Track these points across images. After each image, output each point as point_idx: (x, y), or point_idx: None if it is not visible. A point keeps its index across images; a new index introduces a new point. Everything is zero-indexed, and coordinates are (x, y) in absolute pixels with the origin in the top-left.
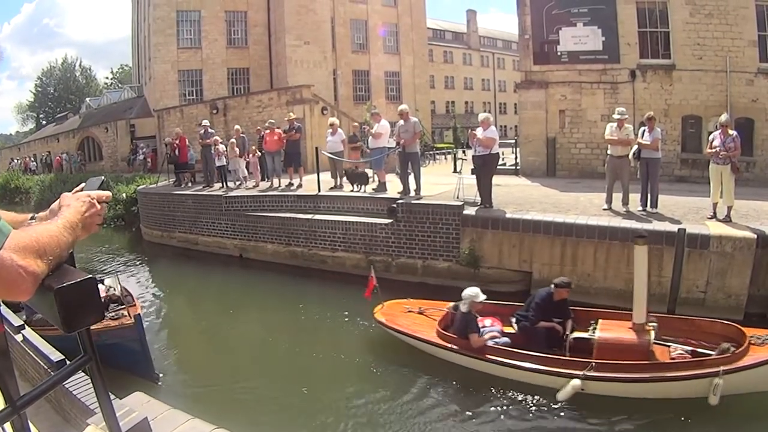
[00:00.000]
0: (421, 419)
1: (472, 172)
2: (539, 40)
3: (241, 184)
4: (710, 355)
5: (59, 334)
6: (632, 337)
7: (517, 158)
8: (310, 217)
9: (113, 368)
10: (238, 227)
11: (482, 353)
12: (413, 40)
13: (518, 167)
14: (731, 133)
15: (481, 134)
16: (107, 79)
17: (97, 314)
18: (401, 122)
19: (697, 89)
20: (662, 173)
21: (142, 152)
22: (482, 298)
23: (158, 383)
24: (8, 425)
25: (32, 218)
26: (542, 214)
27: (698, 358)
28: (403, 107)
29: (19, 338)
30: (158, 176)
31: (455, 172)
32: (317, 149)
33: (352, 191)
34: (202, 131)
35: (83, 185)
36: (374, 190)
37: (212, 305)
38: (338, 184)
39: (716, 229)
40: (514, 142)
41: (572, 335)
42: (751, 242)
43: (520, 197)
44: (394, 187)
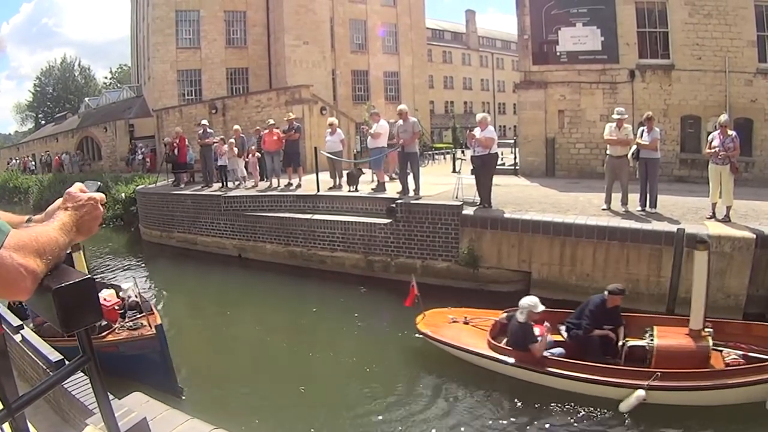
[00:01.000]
0: None
1: (471, 172)
2: (538, 40)
3: (240, 184)
4: (765, 359)
5: (72, 344)
6: (691, 344)
7: (516, 158)
8: (309, 217)
9: (132, 381)
10: (237, 227)
11: (541, 365)
12: (412, 40)
13: (517, 167)
14: (730, 133)
15: (479, 134)
16: (106, 78)
17: (95, 315)
18: (400, 122)
19: (696, 89)
20: (661, 173)
21: (141, 152)
22: (541, 308)
23: (182, 398)
24: (6, 426)
25: (29, 220)
26: (541, 214)
27: (755, 363)
28: (402, 107)
29: (17, 338)
30: (157, 176)
31: (454, 172)
32: (316, 149)
33: (350, 191)
34: (200, 131)
35: (79, 185)
36: (373, 190)
37: (211, 305)
38: (337, 184)
39: (715, 229)
40: (513, 142)
41: (628, 343)
42: (750, 242)
43: (519, 197)
44: (393, 187)
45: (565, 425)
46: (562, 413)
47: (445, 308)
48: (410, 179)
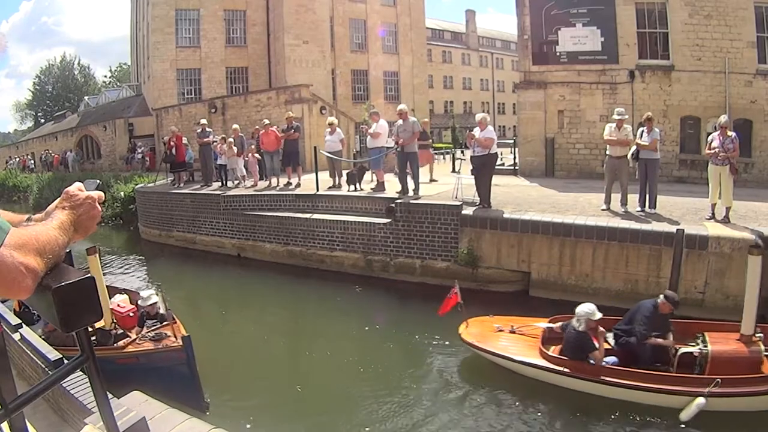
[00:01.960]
0: None
1: (471, 172)
2: (538, 40)
3: (239, 183)
4: None
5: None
6: (744, 349)
7: (515, 158)
8: (308, 216)
9: (156, 394)
10: (236, 226)
11: (598, 375)
12: (412, 39)
13: (517, 167)
14: (730, 134)
15: (479, 135)
16: (106, 77)
17: (95, 314)
18: (400, 122)
19: (695, 90)
20: (661, 174)
21: (140, 151)
22: (599, 316)
23: (207, 413)
24: (5, 425)
25: (28, 219)
26: (541, 214)
27: None
28: (401, 107)
29: (16, 337)
30: (156, 175)
31: (454, 171)
32: (316, 149)
33: (349, 191)
34: (199, 130)
35: (78, 184)
36: (373, 189)
37: (210, 304)
38: (336, 183)
39: (714, 229)
40: (512, 142)
41: (680, 350)
42: (749, 243)
43: (518, 197)
44: (392, 186)
45: None
46: (619, 423)
47: (487, 316)
48: (410, 179)
